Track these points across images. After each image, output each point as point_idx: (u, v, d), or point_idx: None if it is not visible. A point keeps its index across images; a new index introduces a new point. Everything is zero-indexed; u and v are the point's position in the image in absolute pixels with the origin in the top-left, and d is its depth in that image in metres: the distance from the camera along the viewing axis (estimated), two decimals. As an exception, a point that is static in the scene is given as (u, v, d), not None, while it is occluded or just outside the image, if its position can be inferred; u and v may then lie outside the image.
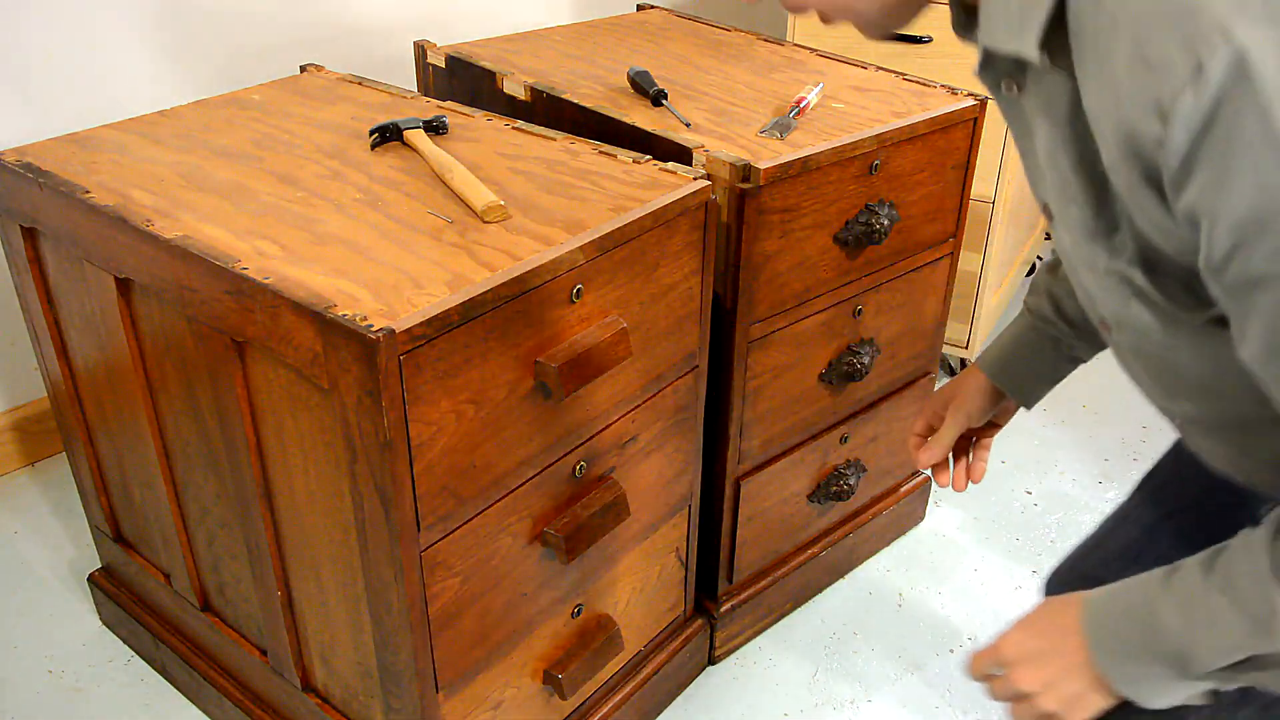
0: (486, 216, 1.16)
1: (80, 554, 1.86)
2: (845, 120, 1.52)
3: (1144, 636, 0.80)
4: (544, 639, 1.30)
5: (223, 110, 1.48)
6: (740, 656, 1.71)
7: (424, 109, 1.49)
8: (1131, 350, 0.86)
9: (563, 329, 1.13)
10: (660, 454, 1.38)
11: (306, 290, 1.02)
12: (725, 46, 1.87)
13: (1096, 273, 0.79)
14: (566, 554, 1.21)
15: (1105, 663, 0.82)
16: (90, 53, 1.90)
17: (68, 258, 1.31)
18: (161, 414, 1.32)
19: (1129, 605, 0.82)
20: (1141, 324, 0.79)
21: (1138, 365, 0.87)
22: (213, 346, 1.14)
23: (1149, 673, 0.80)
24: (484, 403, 1.07)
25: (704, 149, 1.38)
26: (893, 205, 1.53)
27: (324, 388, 1.02)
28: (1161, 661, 0.79)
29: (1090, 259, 0.78)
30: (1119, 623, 0.82)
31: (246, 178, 1.27)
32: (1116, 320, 0.82)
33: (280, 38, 2.13)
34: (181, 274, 1.12)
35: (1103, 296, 0.81)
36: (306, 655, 1.32)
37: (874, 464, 1.82)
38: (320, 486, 1.12)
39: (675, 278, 1.28)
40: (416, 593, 1.08)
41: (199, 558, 1.42)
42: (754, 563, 1.69)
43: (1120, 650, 0.81)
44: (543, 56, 1.77)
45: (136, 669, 1.64)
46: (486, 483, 1.11)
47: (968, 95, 1.62)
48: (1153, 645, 0.79)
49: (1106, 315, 0.84)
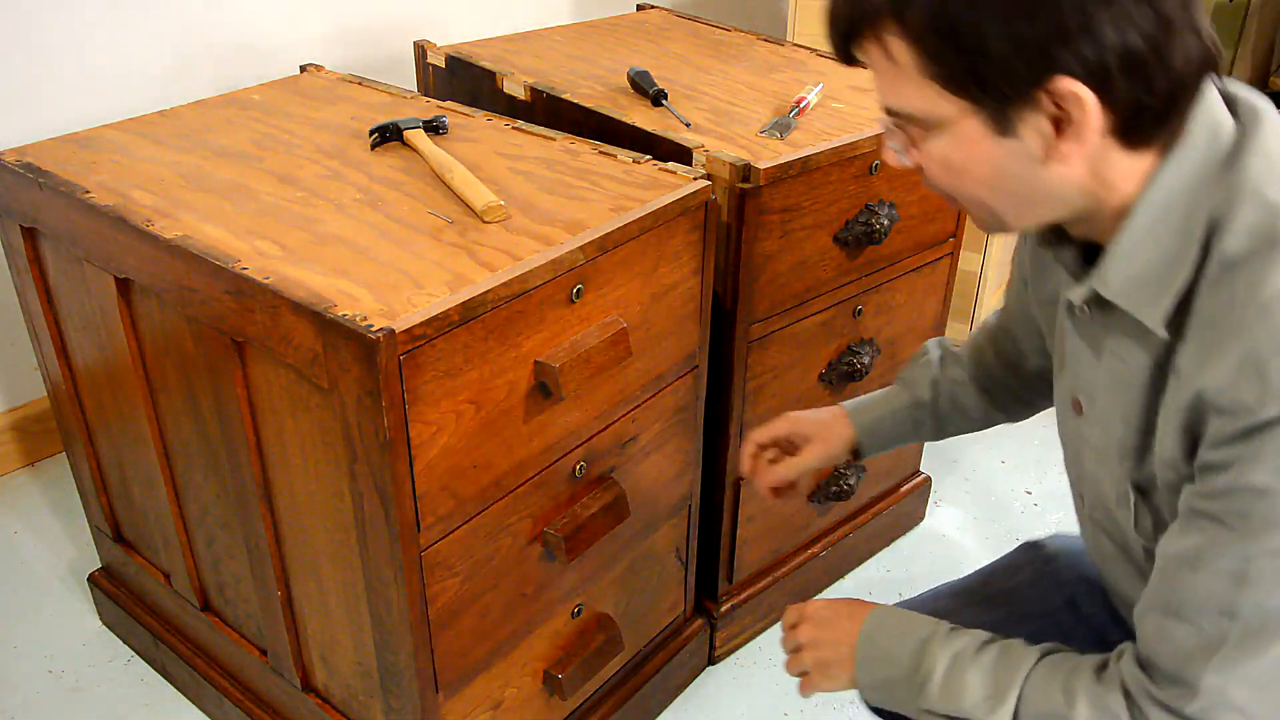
0: (486, 216, 1.16)
1: (80, 554, 1.86)
2: (845, 120, 1.52)
3: (898, 654, 0.92)
4: (544, 639, 1.30)
5: (223, 110, 1.48)
6: (740, 656, 1.71)
7: (424, 109, 1.49)
8: (1098, 526, 0.95)
9: (563, 329, 1.13)
10: (660, 454, 1.38)
11: (306, 290, 1.02)
12: (725, 46, 1.87)
13: (1111, 475, 0.87)
14: (566, 554, 1.21)
15: (861, 654, 0.94)
16: (90, 53, 1.90)
17: (68, 258, 1.31)
18: (161, 414, 1.31)
19: (907, 628, 0.94)
20: (1121, 523, 0.88)
21: (1101, 540, 0.95)
22: (213, 346, 1.14)
23: (883, 680, 0.93)
24: (484, 403, 1.07)
25: (704, 149, 1.38)
26: (893, 205, 1.53)
27: (324, 388, 1.02)
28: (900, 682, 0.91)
29: (1110, 463, 0.87)
30: (891, 633, 0.94)
31: (246, 178, 1.27)
32: (1101, 505, 0.92)
33: (280, 38, 2.13)
34: (181, 274, 1.12)
35: (1103, 491, 0.90)
36: (306, 655, 1.32)
37: (874, 464, 1.82)
38: (320, 486, 1.12)
39: (675, 278, 1.28)
40: (416, 593, 1.08)
41: (199, 558, 1.42)
42: (754, 563, 1.69)
43: (876, 654, 0.94)
44: (543, 56, 1.77)
45: (136, 669, 1.64)
46: (486, 483, 1.11)
47: (968, 95, 1.62)
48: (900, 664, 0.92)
49: (1093, 500, 0.93)
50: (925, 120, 0.77)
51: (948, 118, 0.76)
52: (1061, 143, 0.74)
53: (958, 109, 0.75)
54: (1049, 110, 0.72)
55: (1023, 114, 0.73)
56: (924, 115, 0.77)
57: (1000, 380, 1.18)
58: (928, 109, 0.76)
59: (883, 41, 0.76)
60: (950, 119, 0.76)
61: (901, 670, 0.91)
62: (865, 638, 0.95)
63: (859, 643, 0.95)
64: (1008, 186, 0.78)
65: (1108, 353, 0.84)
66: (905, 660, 0.91)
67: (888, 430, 1.18)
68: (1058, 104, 0.72)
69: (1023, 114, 0.73)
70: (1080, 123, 0.72)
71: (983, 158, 0.76)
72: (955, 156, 0.78)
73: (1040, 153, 0.75)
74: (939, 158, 0.79)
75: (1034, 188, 0.77)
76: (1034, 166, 0.76)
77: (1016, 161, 0.76)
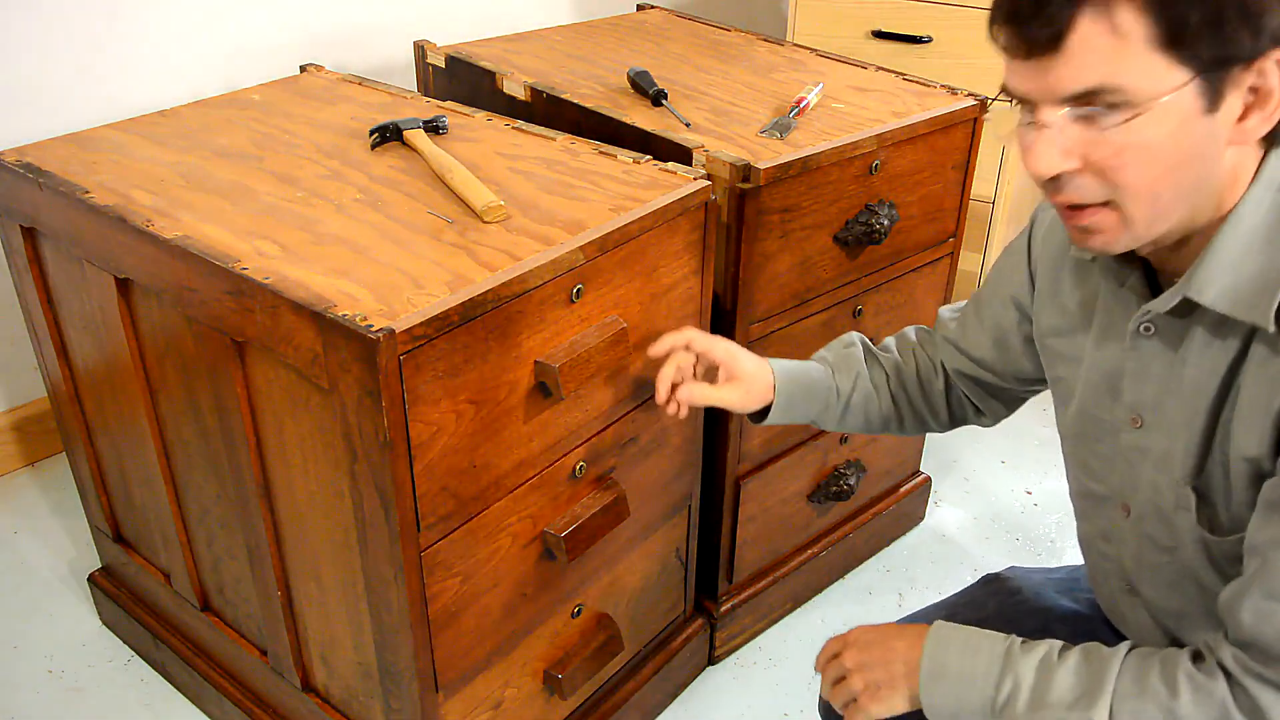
0: (486, 216, 1.16)
1: (80, 554, 1.86)
2: (845, 120, 1.52)
3: (974, 670, 0.91)
4: (544, 639, 1.30)
5: (223, 110, 1.48)
6: (740, 656, 1.71)
7: (424, 109, 1.49)
8: (1143, 535, 0.96)
9: (563, 329, 1.13)
10: (660, 454, 1.38)
11: (306, 290, 1.02)
12: (725, 46, 1.87)
13: (1170, 480, 0.90)
14: (566, 554, 1.21)
15: (929, 672, 0.92)
16: (90, 53, 1.90)
17: (68, 258, 1.31)
18: (161, 414, 1.32)
19: (979, 643, 0.92)
20: (1179, 527, 0.91)
21: (1145, 549, 0.97)
22: (213, 346, 1.14)
23: (956, 699, 0.91)
24: (484, 403, 1.07)
25: (704, 149, 1.38)
26: (893, 205, 1.53)
27: (324, 388, 1.02)
28: (978, 699, 0.90)
29: (1172, 469, 0.89)
30: (961, 649, 0.92)
31: (246, 178, 1.27)
32: (1155, 513, 0.93)
33: (280, 38, 2.13)
34: (181, 274, 1.12)
35: (1160, 498, 0.92)
36: (306, 655, 1.32)
37: (874, 464, 1.82)
38: (320, 486, 1.12)
39: (675, 278, 1.28)
40: (416, 593, 1.08)
41: (199, 558, 1.42)
42: (754, 563, 1.69)
43: (948, 672, 0.92)
44: (543, 56, 1.77)
45: (136, 669, 1.64)
46: (486, 483, 1.11)
47: (968, 95, 1.62)
48: (979, 680, 0.90)
49: (1145, 509, 0.94)
50: (1136, 97, 0.76)
51: (1166, 90, 0.76)
52: (1245, 123, 0.78)
53: (1182, 79, 0.76)
54: (1250, 83, 0.76)
55: (1229, 89, 0.76)
56: (1141, 91, 0.76)
57: (910, 395, 1.21)
58: (1150, 83, 0.76)
59: (1110, 12, 0.75)
60: (1168, 91, 0.76)
61: (982, 687, 0.90)
62: (932, 656, 0.93)
63: (924, 661, 0.93)
64: (1187, 172, 0.80)
65: (1180, 364, 0.87)
66: (985, 675, 0.90)
67: (800, 408, 1.19)
68: (1255, 85, 0.76)
69: (1229, 89, 0.76)
70: (1274, 97, 0.76)
71: (1183, 136, 0.78)
72: (1152, 137, 0.77)
73: (1226, 135, 0.78)
74: (1129, 144, 0.78)
75: (1200, 180, 0.80)
76: (1216, 152, 0.79)
77: (1205, 145, 0.78)
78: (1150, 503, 0.94)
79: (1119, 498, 0.99)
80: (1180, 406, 0.88)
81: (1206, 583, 0.92)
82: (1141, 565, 0.99)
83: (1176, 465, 0.90)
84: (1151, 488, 0.93)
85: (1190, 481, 0.89)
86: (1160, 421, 0.91)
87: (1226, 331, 0.83)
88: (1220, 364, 0.84)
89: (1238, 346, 0.82)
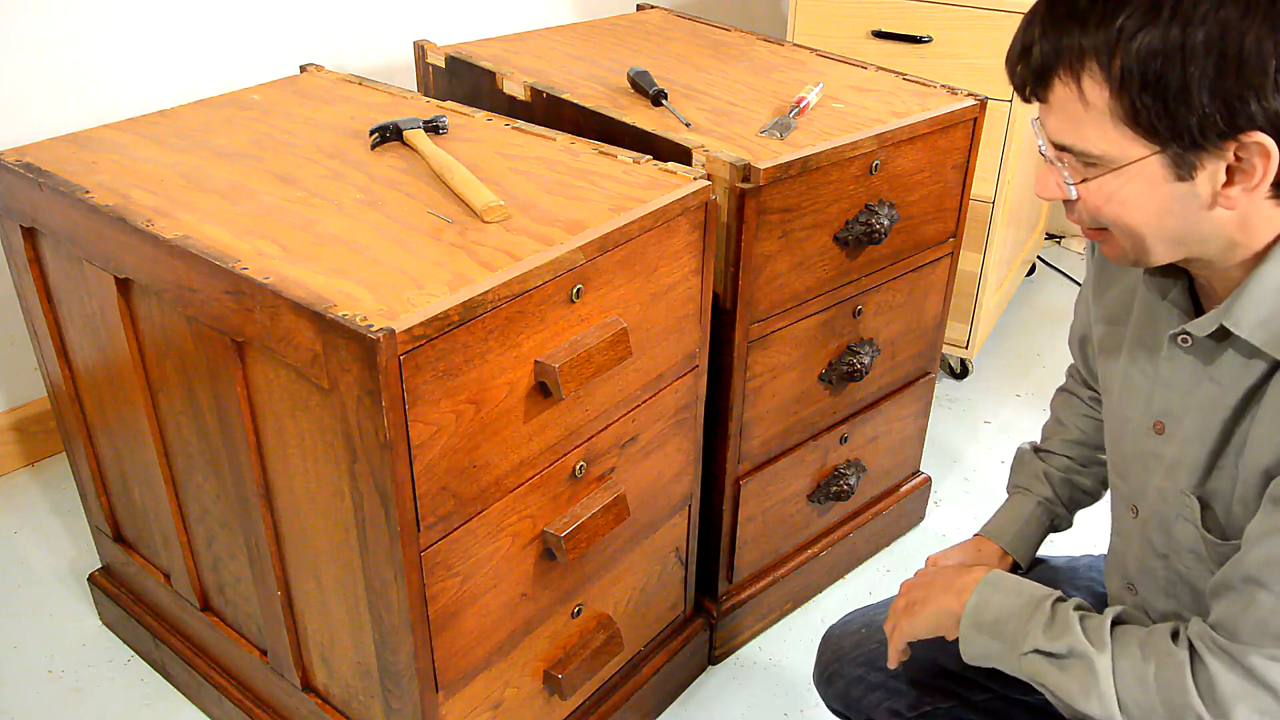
0: (486, 216, 1.16)
1: (80, 554, 1.86)
2: (845, 120, 1.52)
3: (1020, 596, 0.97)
4: (544, 639, 1.30)
5: (223, 110, 1.48)
6: (740, 656, 1.71)
7: (424, 109, 1.49)
8: (1146, 538, 1.00)
9: (563, 329, 1.13)
10: (660, 454, 1.38)
11: (306, 290, 1.02)
12: (725, 46, 1.87)
13: (1175, 488, 0.93)
14: (566, 554, 1.21)
15: (976, 598, 0.98)
16: (90, 53, 1.90)
17: (68, 258, 1.31)
18: (161, 414, 1.32)
19: (1027, 584, 0.98)
20: (1176, 535, 0.94)
21: (1145, 551, 1.01)
22: (213, 346, 1.14)
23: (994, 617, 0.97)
24: (484, 403, 1.07)
25: (704, 149, 1.38)
26: (893, 205, 1.53)
27: (324, 388, 1.02)
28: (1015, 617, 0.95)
29: (1179, 478, 0.93)
30: (1012, 585, 0.98)
31: (246, 178, 1.27)
32: (1157, 517, 0.97)
33: (280, 38, 2.13)
34: (181, 274, 1.12)
35: (1164, 504, 0.95)
36: (306, 655, 1.32)
37: (874, 464, 1.82)
38: (320, 486, 1.12)
39: (675, 278, 1.28)
40: (416, 593, 1.08)
41: (199, 558, 1.42)
42: (754, 563, 1.69)
43: (995, 596, 0.98)
44: (543, 56, 1.77)
45: (136, 669, 1.64)
46: (486, 483, 1.11)
47: (968, 95, 1.62)
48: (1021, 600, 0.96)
49: (1150, 512, 0.98)
50: (1102, 160, 0.80)
51: (1129, 160, 0.79)
52: (1229, 190, 0.79)
53: (1143, 152, 0.78)
54: (1229, 159, 0.77)
55: (1205, 161, 0.77)
56: (1105, 156, 0.80)
57: (1094, 441, 1.22)
58: (1111, 151, 0.80)
59: (1078, 83, 0.79)
60: (1131, 161, 0.79)
61: (1020, 605, 0.95)
62: (985, 582, 0.99)
63: (979, 586, 0.99)
64: (1168, 226, 0.82)
65: (1207, 379, 0.90)
66: (1027, 599, 0.96)
67: (1033, 538, 1.22)
68: (1238, 155, 0.76)
69: (1205, 161, 0.77)
70: (1257, 173, 0.77)
71: (1154, 199, 0.81)
72: (1126, 195, 0.81)
73: (1208, 199, 0.79)
74: (1107, 194, 0.82)
75: (1190, 230, 0.82)
76: (1198, 211, 0.81)
77: (1183, 204, 0.80)
78: (1154, 508, 0.97)
79: (1131, 498, 1.01)
80: (1199, 418, 0.91)
81: (1200, 589, 0.94)
82: (1141, 568, 1.01)
83: (1183, 475, 0.92)
84: (1158, 494, 0.96)
85: (1194, 491, 0.91)
86: (1178, 432, 0.93)
87: (1257, 356, 0.85)
88: (1244, 383, 0.86)
89: (1264, 369, 0.85)
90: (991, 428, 2.29)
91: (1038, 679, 0.93)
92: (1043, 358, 2.55)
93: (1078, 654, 0.90)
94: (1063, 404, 1.26)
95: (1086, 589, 1.19)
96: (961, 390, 2.41)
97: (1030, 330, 2.67)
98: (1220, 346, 0.88)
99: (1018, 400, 2.38)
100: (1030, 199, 2.50)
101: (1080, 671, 0.89)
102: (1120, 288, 1.03)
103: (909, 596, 1.05)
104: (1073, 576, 1.21)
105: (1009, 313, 2.70)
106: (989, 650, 0.97)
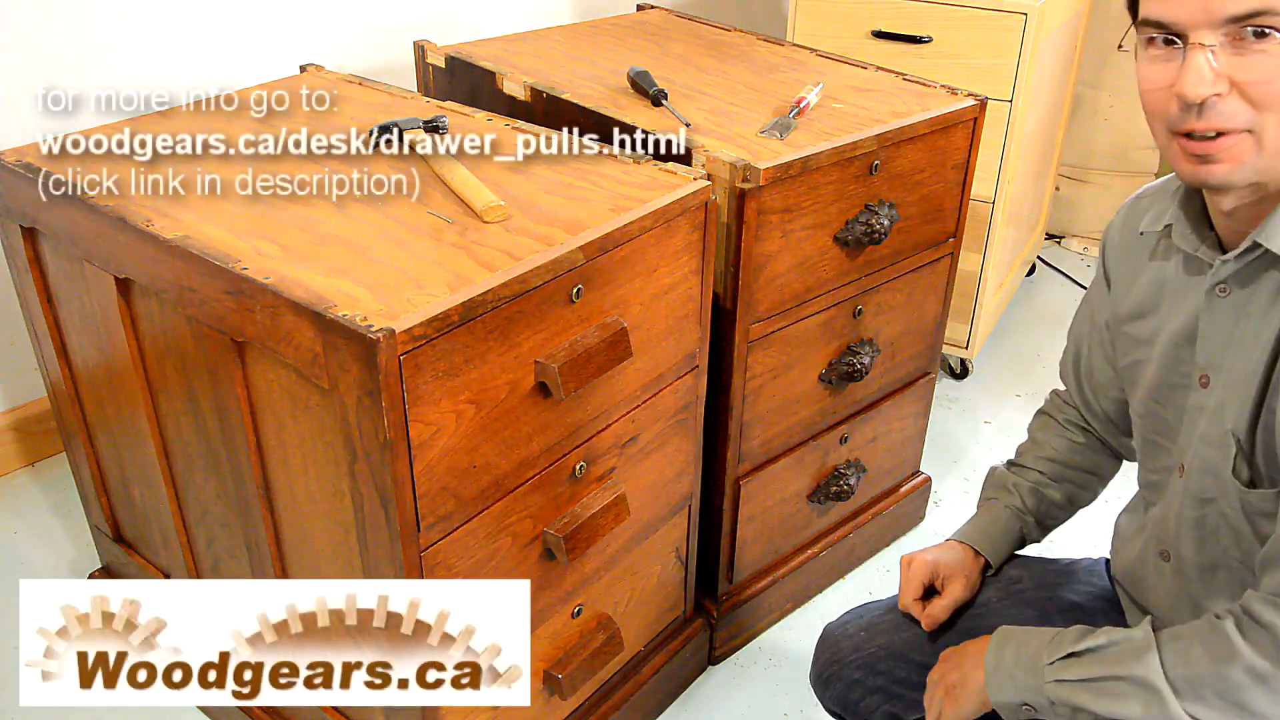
0: (486, 216, 1.16)
1: (80, 554, 1.86)
2: (845, 120, 1.52)
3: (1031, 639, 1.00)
4: (544, 639, 1.30)
5: (223, 110, 1.48)
6: (740, 656, 1.71)
7: (424, 109, 1.49)
8: (1191, 494, 1.00)
9: (563, 329, 1.13)
10: (660, 454, 1.38)
11: (306, 290, 1.02)
12: (725, 46, 1.87)
13: (1219, 431, 0.95)
14: (567, 554, 1.21)
15: (992, 656, 1.01)
16: (90, 53, 1.90)
17: (68, 258, 1.31)
18: (161, 414, 1.31)
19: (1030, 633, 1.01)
20: (1224, 477, 0.95)
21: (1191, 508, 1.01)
22: (213, 346, 1.14)
23: (1013, 662, 0.99)
24: (484, 403, 1.07)
25: (704, 149, 1.38)
26: (893, 205, 1.53)
27: (324, 388, 1.02)
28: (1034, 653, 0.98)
29: (1224, 420, 0.94)
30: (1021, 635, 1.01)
31: (247, 178, 1.27)
32: (1205, 469, 0.98)
33: (280, 38, 2.13)
34: (181, 274, 1.12)
35: (1210, 454, 0.96)
36: (306, 655, 1.32)
37: (874, 464, 1.82)
38: (320, 486, 1.12)
39: (675, 278, 1.28)
40: (416, 593, 1.08)
41: (199, 558, 1.42)
42: (754, 563, 1.69)
43: (1008, 645, 1.01)
44: (543, 56, 1.77)
45: (136, 669, 1.64)
46: (486, 483, 1.11)
47: (968, 95, 1.62)
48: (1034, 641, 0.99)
49: (1196, 465, 0.99)
50: None
51: None
52: None
53: None
54: None
55: None
56: None
57: (1067, 459, 1.24)
58: None
59: None
60: None
61: (1037, 634, 0.99)
62: (996, 639, 1.02)
63: (990, 646, 1.01)
64: None
65: (1245, 317, 0.92)
66: (1039, 639, 0.99)
67: (1002, 541, 1.23)
68: None
69: None
70: None
71: None
72: None
73: None
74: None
75: None
76: None
77: None
78: (1200, 456, 0.98)
79: (1180, 456, 1.02)
80: (1242, 359, 0.92)
81: (1243, 533, 0.96)
82: (1183, 520, 1.02)
83: (1229, 415, 0.94)
84: (1203, 441, 0.97)
85: (1236, 431, 0.93)
86: (1223, 379, 0.95)
87: None
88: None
89: None
90: (991, 428, 2.29)
91: (1065, 691, 0.95)
92: (1043, 358, 2.55)
93: (1115, 641, 0.93)
94: (1039, 425, 1.28)
95: (1087, 589, 1.19)
96: (961, 390, 2.41)
97: (1030, 330, 2.67)
98: (1256, 288, 0.91)
99: (1018, 400, 2.38)
100: (1030, 200, 2.50)
101: (1116, 655, 0.92)
102: (1147, 278, 1.04)
103: (945, 682, 1.06)
104: (1073, 577, 1.21)
105: (1009, 313, 2.70)
106: (1016, 683, 0.99)
